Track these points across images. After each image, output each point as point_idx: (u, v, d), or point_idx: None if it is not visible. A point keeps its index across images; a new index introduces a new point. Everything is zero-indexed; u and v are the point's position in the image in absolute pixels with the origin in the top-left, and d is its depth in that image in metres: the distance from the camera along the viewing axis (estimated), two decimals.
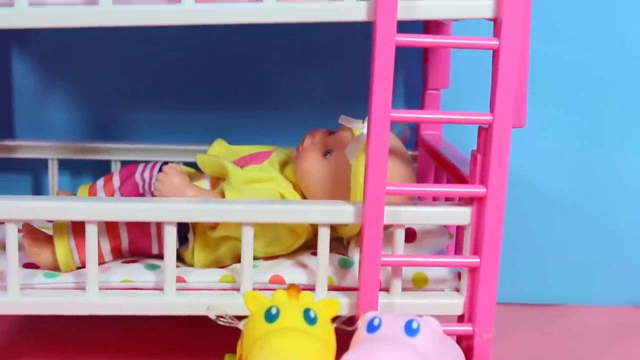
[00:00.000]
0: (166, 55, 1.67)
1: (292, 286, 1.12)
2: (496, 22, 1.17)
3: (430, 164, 1.59)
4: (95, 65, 1.68)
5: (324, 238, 1.24)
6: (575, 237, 1.73)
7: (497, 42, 1.16)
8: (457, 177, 1.36)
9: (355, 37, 1.47)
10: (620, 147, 1.71)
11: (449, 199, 1.37)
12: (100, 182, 1.47)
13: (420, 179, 1.63)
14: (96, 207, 1.22)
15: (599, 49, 1.68)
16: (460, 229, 1.31)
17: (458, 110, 1.61)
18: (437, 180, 1.55)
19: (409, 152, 1.48)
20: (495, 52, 1.17)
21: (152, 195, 1.32)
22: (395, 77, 1.16)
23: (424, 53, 1.63)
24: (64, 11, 1.16)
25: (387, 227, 1.23)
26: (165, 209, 1.22)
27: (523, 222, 1.71)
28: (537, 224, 1.73)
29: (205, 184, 1.39)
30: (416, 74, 1.67)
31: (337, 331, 1.12)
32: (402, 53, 1.21)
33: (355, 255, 1.33)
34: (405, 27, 1.17)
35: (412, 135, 1.61)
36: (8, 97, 1.69)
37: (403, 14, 1.16)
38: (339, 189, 1.32)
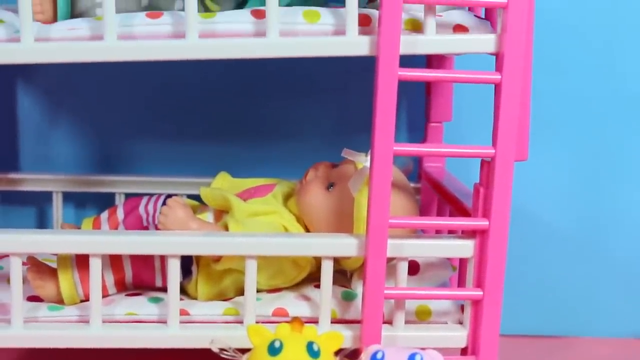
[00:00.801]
0: (170, 88, 1.68)
1: (296, 319, 1.12)
2: (498, 56, 1.18)
3: (433, 196, 1.59)
4: (99, 99, 1.69)
5: (327, 271, 1.25)
6: (579, 269, 1.73)
7: (499, 77, 1.17)
8: (460, 210, 1.36)
9: (358, 69, 1.48)
10: (623, 180, 1.71)
11: (451, 232, 1.37)
12: (105, 215, 1.48)
13: (423, 211, 1.63)
14: (100, 240, 1.23)
15: (601, 83, 1.69)
16: (463, 262, 1.31)
17: (461, 142, 1.64)
18: (440, 213, 1.55)
19: (412, 184, 1.49)
20: (497, 87, 1.17)
21: (156, 228, 1.32)
22: (397, 109, 1.17)
23: (427, 86, 1.64)
24: (70, 47, 1.17)
25: (390, 260, 1.23)
26: (169, 242, 1.23)
27: (526, 254, 1.71)
28: (540, 256, 1.73)
29: (209, 217, 1.40)
30: (419, 106, 1.68)
31: None
32: (405, 85, 1.22)
33: (358, 287, 1.33)
34: (408, 59, 1.18)
35: (415, 168, 1.61)
36: (13, 130, 1.70)
37: (405, 49, 1.16)
38: (342, 222, 1.33)
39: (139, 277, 1.35)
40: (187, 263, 1.33)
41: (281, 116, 1.70)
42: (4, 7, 1.35)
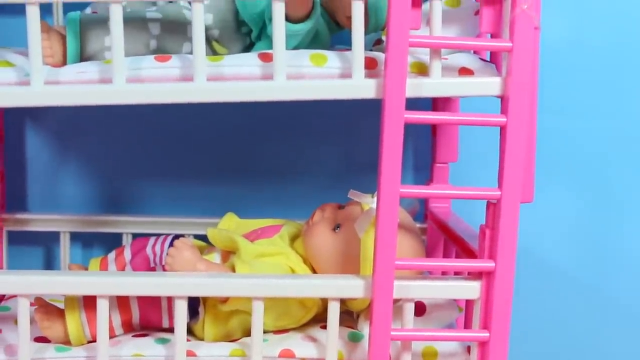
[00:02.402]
0: (177, 128, 1.69)
1: None
2: (503, 99, 1.19)
3: (439, 236, 1.60)
4: (107, 139, 1.70)
5: (333, 312, 1.25)
6: (585, 310, 1.73)
7: (505, 119, 1.17)
8: (466, 251, 1.36)
9: (364, 110, 1.49)
10: (628, 221, 1.71)
11: (458, 273, 1.37)
12: (112, 256, 1.48)
13: (430, 251, 1.63)
14: (107, 281, 1.23)
15: (606, 124, 1.70)
16: (469, 303, 1.31)
17: (466, 182, 1.65)
18: (446, 253, 1.56)
19: (418, 225, 1.49)
20: (503, 129, 1.18)
21: (163, 268, 1.33)
22: (403, 150, 1.18)
23: (433, 126, 1.65)
24: (79, 90, 1.18)
25: (396, 301, 1.23)
26: (176, 284, 1.23)
27: (532, 294, 1.71)
28: (546, 297, 1.73)
29: (216, 257, 1.40)
30: (425, 146, 1.69)
31: None
32: (411, 126, 1.22)
33: (364, 328, 1.33)
34: (414, 99, 1.19)
35: (421, 208, 1.62)
36: (21, 171, 1.71)
37: (411, 92, 1.17)
38: (349, 263, 1.33)
39: (146, 318, 1.35)
40: (194, 304, 1.33)
41: (288, 157, 1.71)
42: (14, 50, 1.37)
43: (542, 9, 1.19)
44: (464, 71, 1.23)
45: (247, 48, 1.40)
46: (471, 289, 1.25)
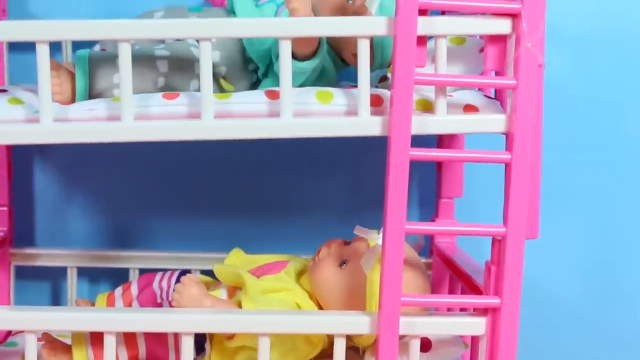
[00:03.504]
0: (184, 164, 1.70)
1: None
2: (508, 136, 1.20)
3: (445, 272, 1.60)
4: (114, 175, 1.71)
5: (339, 348, 1.25)
6: (591, 344, 1.73)
7: (509, 156, 1.18)
8: (472, 287, 1.37)
9: (370, 146, 1.50)
10: (635, 256, 1.72)
11: (463, 309, 1.37)
12: (119, 291, 1.48)
13: (435, 286, 1.63)
14: (114, 318, 1.23)
15: (611, 157, 1.70)
16: (475, 339, 1.31)
17: (472, 217, 1.66)
18: (452, 288, 1.56)
19: (424, 260, 1.49)
20: (508, 166, 1.18)
21: (170, 304, 1.33)
22: (409, 185, 1.18)
23: (438, 162, 1.65)
24: (88, 128, 1.19)
25: (402, 337, 1.23)
26: (183, 320, 1.23)
27: (538, 329, 1.71)
28: (552, 332, 1.72)
29: (222, 293, 1.40)
30: (430, 181, 1.70)
31: None
32: (417, 161, 1.23)
33: None
34: (419, 136, 1.20)
35: (426, 244, 1.62)
36: (29, 206, 1.72)
37: (417, 129, 1.18)
38: (355, 299, 1.33)
39: (152, 354, 1.35)
40: (201, 340, 1.33)
41: (294, 193, 1.72)
42: (23, 87, 1.38)
43: (546, 46, 1.20)
44: (469, 108, 1.24)
45: (254, 85, 1.41)
46: (477, 325, 1.25)
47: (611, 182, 1.71)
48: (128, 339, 1.33)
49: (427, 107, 1.23)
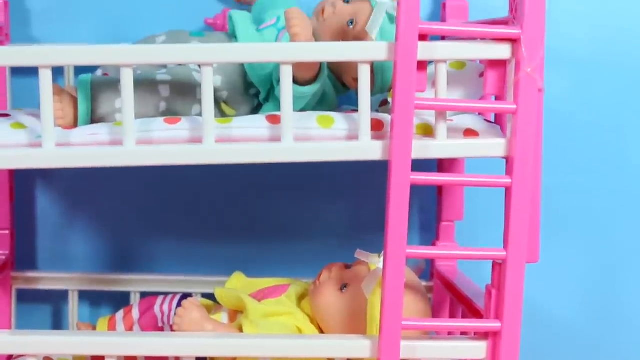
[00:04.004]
0: (185, 188, 1.71)
1: None
2: (508, 160, 1.20)
3: (446, 295, 1.60)
4: (116, 198, 1.72)
5: None
6: None
7: (510, 180, 1.18)
8: (473, 311, 1.37)
9: (371, 169, 1.50)
10: (636, 278, 1.72)
11: (464, 333, 1.37)
12: (120, 315, 1.49)
13: (436, 310, 1.63)
14: (115, 342, 1.24)
15: (612, 181, 1.71)
16: None
17: (472, 240, 1.66)
18: (453, 312, 1.56)
19: (424, 283, 1.49)
20: (508, 190, 1.19)
21: (171, 328, 1.33)
22: (410, 208, 1.18)
23: (438, 186, 1.66)
24: (90, 152, 1.19)
25: None
26: (184, 344, 1.24)
27: (539, 353, 1.70)
28: (553, 355, 1.72)
29: (223, 317, 1.40)
30: (430, 205, 1.70)
31: None
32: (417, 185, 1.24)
33: None
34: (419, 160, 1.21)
35: (427, 267, 1.62)
36: (31, 230, 1.72)
37: (417, 153, 1.19)
38: (356, 323, 1.33)
39: None
40: None
41: (295, 216, 1.72)
42: (26, 112, 1.39)
43: (546, 70, 1.20)
44: (469, 132, 1.24)
45: (255, 109, 1.42)
46: (477, 349, 1.25)
47: (611, 206, 1.71)
48: None
49: (427, 131, 1.24)
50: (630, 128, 1.70)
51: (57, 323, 1.73)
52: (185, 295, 1.49)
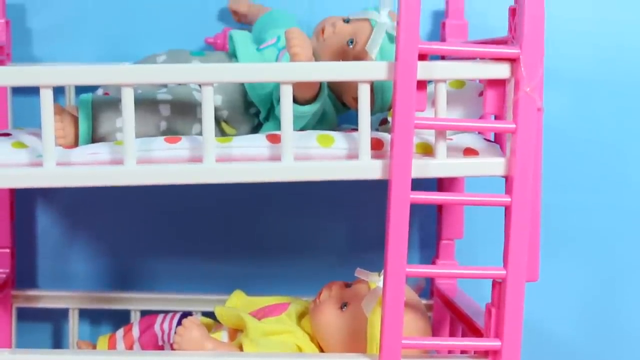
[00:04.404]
0: (185, 206, 1.71)
1: None
2: (508, 179, 1.20)
3: (446, 313, 1.60)
4: (116, 217, 1.72)
5: None
6: None
7: (509, 199, 1.19)
8: (473, 329, 1.37)
9: (371, 187, 1.50)
10: (637, 296, 1.72)
11: (464, 352, 1.37)
12: (120, 333, 1.49)
13: (436, 328, 1.63)
14: None
15: (611, 199, 1.71)
16: None
17: (472, 258, 1.66)
18: (453, 330, 1.56)
19: (424, 302, 1.49)
20: (507, 209, 1.19)
21: (171, 347, 1.33)
22: (410, 226, 1.19)
23: (438, 204, 1.66)
24: (91, 172, 1.19)
25: None
26: None
27: None
28: None
29: (223, 335, 1.40)
30: (430, 223, 1.70)
31: None
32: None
33: None
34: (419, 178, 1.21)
35: (427, 285, 1.63)
36: (31, 248, 1.72)
37: (417, 172, 1.19)
38: (356, 342, 1.33)
39: None
40: None
41: (295, 235, 1.72)
42: (27, 131, 1.39)
43: (545, 89, 1.21)
44: (469, 152, 1.25)
45: (255, 128, 1.42)
46: None
47: (611, 224, 1.72)
48: None
49: (427, 150, 1.24)
50: (629, 146, 1.71)
51: (58, 341, 1.73)
52: (186, 314, 1.50)
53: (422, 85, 1.19)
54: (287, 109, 1.19)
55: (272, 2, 1.62)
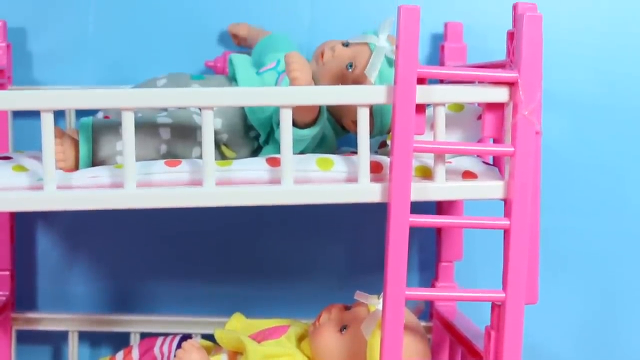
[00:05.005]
0: (185, 229, 1.71)
1: None
2: (506, 202, 1.21)
3: (445, 336, 1.60)
4: (115, 239, 1.72)
5: None
6: None
7: (508, 222, 1.19)
8: (472, 352, 1.37)
9: (371, 210, 1.50)
10: (636, 319, 1.72)
11: None
12: (120, 356, 1.48)
13: (435, 350, 1.63)
14: None
15: (610, 221, 1.71)
16: None
17: (472, 280, 1.66)
18: (452, 352, 1.56)
19: (424, 324, 1.49)
20: (506, 232, 1.19)
21: None
22: (409, 248, 1.19)
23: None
24: (91, 195, 1.19)
25: None
26: None
27: None
28: None
29: (223, 358, 1.40)
30: (430, 244, 1.70)
31: None
32: None
33: None
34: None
35: (426, 307, 1.63)
36: (32, 271, 1.72)
37: (416, 196, 1.20)
38: None
39: None
40: None
41: (294, 257, 1.72)
42: (28, 154, 1.39)
43: (543, 112, 1.21)
44: (468, 175, 1.25)
45: (255, 151, 1.43)
46: None
47: (609, 247, 1.72)
48: None
49: (426, 173, 1.24)
50: (627, 169, 1.71)
51: None
52: (185, 337, 1.49)
53: (420, 108, 1.19)
54: (286, 132, 1.19)
55: (271, 26, 1.63)
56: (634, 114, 1.71)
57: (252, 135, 1.42)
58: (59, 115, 1.61)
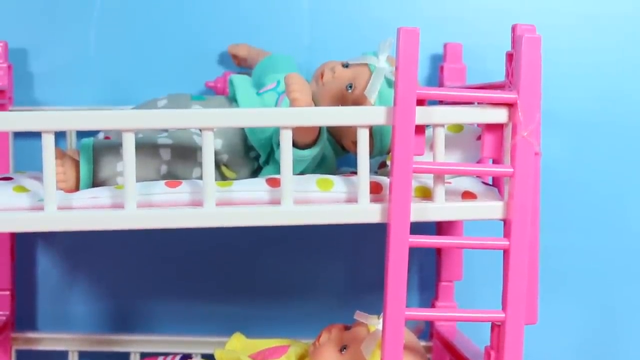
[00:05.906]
0: (185, 249, 1.71)
1: None
2: (506, 222, 1.21)
3: (445, 356, 1.60)
4: (115, 259, 1.72)
5: None
6: None
7: (507, 243, 1.19)
8: None
9: (370, 230, 1.50)
10: (636, 336, 1.72)
11: None
12: None
13: None
14: None
15: (610, 239, 1.72)
16: None
17: (471, 300, 1.66)
18: None
19: (424, 344, 1.49)
20: (506, 252, 1.20)
21: None
22: (409, 268, 1.19)
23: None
24: (92, 216, 1.20)
25: None
26: None
27: None
28: None
29: None
30: (430, 265, 1.71)
31: None
32: None
33: None
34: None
35: (426, 327, 1.63)
36: (32, 290, 1.72)
37: (416, 216, 1.20)
38: None
39: None
40: None
41: (294, 277, 1.72)
42: (28, 175, 1.40)
43: (542, 131, 1.22)
44: (467, 195, 1.25)
45: (255, 172, 1.43)
46: None
47: (609, 266, 1.72)
48: None
49: (425, 194, 1.25)
50: (626, 189, 1.72)
51: None
52: (185, 356, 1.50)
53: (420, 129, 1.20)
54: (286, 153, 1.20)
55: (271, 47, 1.63)
56: (632, 134, 1.71)
57: (252, 155, 1.42)
58: (59, 135, 1.61)
